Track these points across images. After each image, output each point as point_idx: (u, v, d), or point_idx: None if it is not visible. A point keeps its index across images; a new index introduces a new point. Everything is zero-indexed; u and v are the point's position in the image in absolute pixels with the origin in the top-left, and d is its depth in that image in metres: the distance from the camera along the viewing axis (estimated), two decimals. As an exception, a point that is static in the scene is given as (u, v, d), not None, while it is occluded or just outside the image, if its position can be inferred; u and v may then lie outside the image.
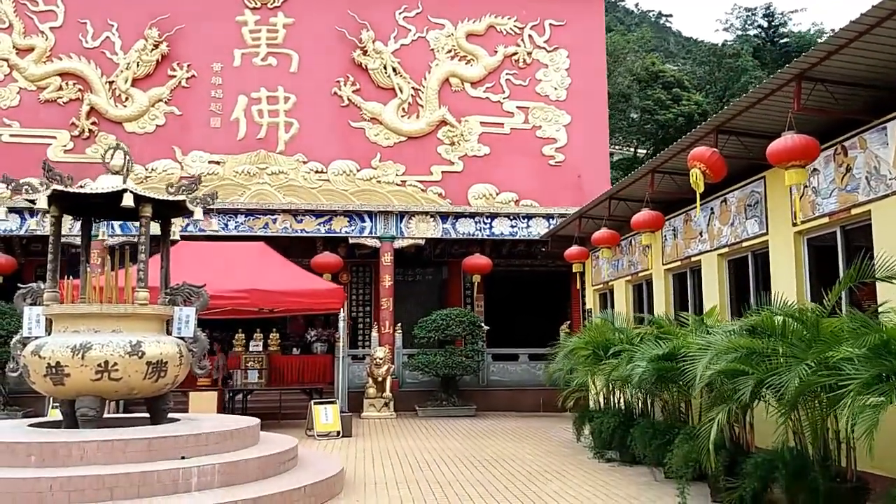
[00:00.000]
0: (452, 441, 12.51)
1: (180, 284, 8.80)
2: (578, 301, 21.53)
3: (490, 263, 18.53)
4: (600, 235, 12.11)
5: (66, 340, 7.70)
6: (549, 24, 22.23)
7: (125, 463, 6.86)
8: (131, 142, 20.18)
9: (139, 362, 7.80)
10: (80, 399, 7.73)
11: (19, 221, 17.54)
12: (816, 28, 62.88)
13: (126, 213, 9.04)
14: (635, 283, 13.65)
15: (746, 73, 47.42)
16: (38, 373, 7.70)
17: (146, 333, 8.11)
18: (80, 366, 7.58)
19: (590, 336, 10.81)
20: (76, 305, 8.02)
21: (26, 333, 8.35)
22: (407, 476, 9.12)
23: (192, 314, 8.62)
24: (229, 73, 20.94)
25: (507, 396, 17.89)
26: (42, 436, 7.06)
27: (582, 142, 21.73)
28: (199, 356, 8.58)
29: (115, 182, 8.40)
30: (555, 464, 10.16)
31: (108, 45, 20.64)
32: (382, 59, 21.41)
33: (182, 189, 8.62)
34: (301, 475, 7.77)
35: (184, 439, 7.26)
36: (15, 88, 20.15)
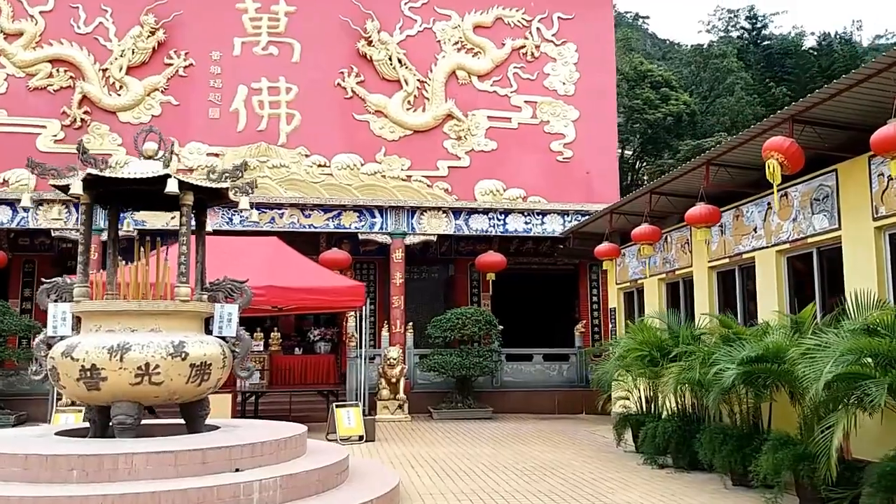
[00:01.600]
0: (484, 447, 11.91)
1: (221, 280, 8.10)
2: (587, 300, 21.09)
3: (504, 261, 17.97)
4: (641, 231, 11.59)
5: (102, 340, 6.97)
6: (558, 18, 21.72)
7: (176, 477, 6.17)
8: (126, 132, 19.31)
9: (182, 364, 7.10)
10: (117, 405, 7.00)
11: (10, 214, 16.56)
12: (797, 31, 63.49)
13: (160, 202, 8.31)
14: (670, 281, 13.17)
15: (732, 74, 47.48)
16: (69, 376, 6.95)
17: (187, 333, 7.41)
18: (118, 368, 6.86)
19: (644, 337, 10.28)
20: (112, 302, 7.28)
21: (51, 333, 7.58)
22: (461, 488, 8.50)
23: (234, 312, 7.92)
24: (229, 63, 20.11)
25: (521, 398, 17.33)
26: (81, 447, 6.33)
27: (590, 138, 21.23)
28: (243, 357, 7.88)
29: (153, 167, 7.66)
30: (608, 471, 9.61)
31: (102, 31, 19.69)
32: (388, 50, 20.73)
33: (226, 176, 7.91)
34: (360, 488, 7.13)
35: (238, 450, 6.58)
36: (2, 75, 19.13)
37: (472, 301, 20.40)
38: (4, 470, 6.05)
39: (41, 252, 18.86)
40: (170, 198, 8.01)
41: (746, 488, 8.24)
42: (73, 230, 16.59)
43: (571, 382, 17.81)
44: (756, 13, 58.41)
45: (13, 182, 18.50)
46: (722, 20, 60.15)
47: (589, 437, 13.42)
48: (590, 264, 20.98)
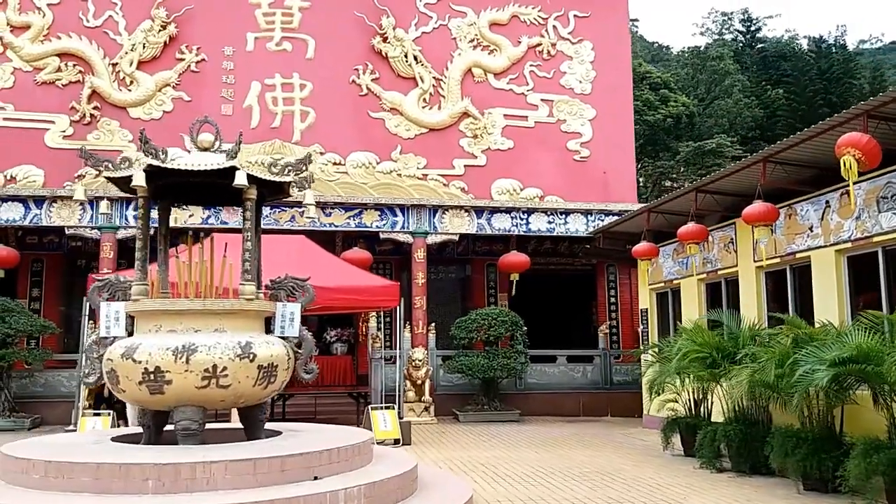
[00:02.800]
0: (526, 451, 11.59)
1: (283, 277, 7.73)
2: (605, 301, 20.84)
3: (528, 261, 17.66)
4: (688, 230, 11.32)
5: (165, 341, 6.58)
6: (574, 16, 21.50)
7: (256, 487, 5.80)
8: (136, 128, 18.74)
9: (250, 367, 6.72)
10: (181, 410, 6.61)
11: (22, 211, 16.02)
12: (790, 34, 63.82)
13: (215, 196, 7.97)
14: (710, 281, 12.92)
15: (729, 76, 47.53)
16: (130, 379, 6.55)
17: (252, 333, 7.03)
18: (183, 371, 6.46)
19: (704, 339, 10.00)
20: (176, 301, 6.89)
21: (104, 333, 7.18)
22: (528, 495, 8.16)
23: (297, 311, 7.55)
24: (242, 58, 19.70)
25: (545, 400, 17.03)
26: (155, 455, 5.94)
27: (607, 137, 21.02)
28: (306, 359, 7.51)
29: (213, 159, 7.29)
30: (667, 476, 9.33)
31: (111, 25, 19.21)
32: (403, 46, 20.40)
33: (289, 169, 7.54)
34: (436, 497, 6.79)
35: (316, 456, 6.23)
36: (9, 69, 18.60)
37: (490, 301, 20.08)
38: (74, 480, 5.67)
39: (50, 251, 18.34)
40: (228, 192, 7.64)
41: (819, 493, 7.99)
42: (88, 228, 16.11)
43: (596, 384, 17.55)
44: (750, 16, 58.61)
45: (21, 178, 17.98)
46: (716, 23, 60.25)
47: (626, 440, 13.14)
48: (607, 265, 20.77)
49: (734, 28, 58.99)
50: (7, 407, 14.47)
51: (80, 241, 18.21)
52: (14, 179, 17.96)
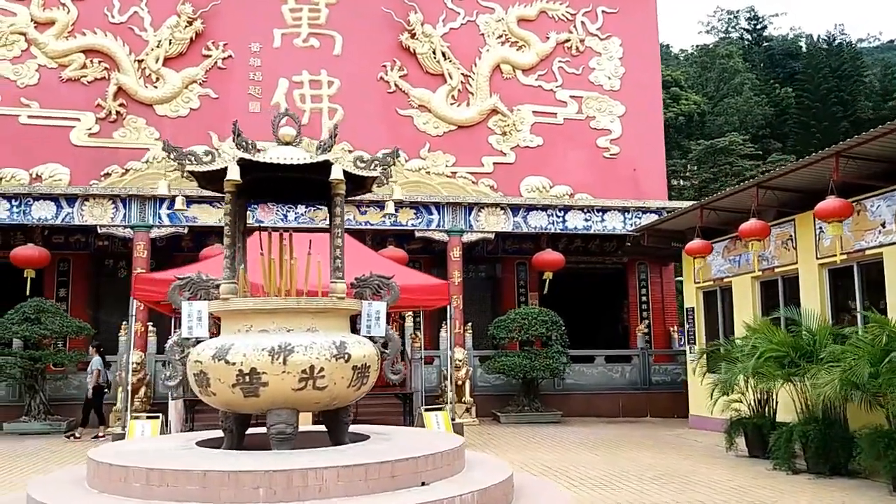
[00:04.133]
0: (585, 453, 11.35)
1: (368, 275, 7.45)
2: (636, 299, 20.59)
3: (562, 259, 17.42)
4: (750, 227, 11.07)
5: (259, 342, 6.29)
6: (602, 12, 21.29)
7: (368, 493, 5.53)
8: (162, 126, 18.62)
9: (345, 367, 6.44)
10: (276, 413, 6.33)
11: (54, 210, 15.69)
12: (795, 32, 63.77)
13: (296, 191, 7.70)
14: (765, 279, 12.69)
15: (739, 74, 47.40)
16: (223, 382, 6.26)
17: (343, 333, 6.76)
18: (280, 373, 6.18)
19: (780, 338, 9.76)
20: (268, 300, 6.60)
21: (186, 334, 6.89)
22: (616, 499, 7.92)
23: (382, 310, 7.28)
24: (269, 55, 19.42)
25: (584, 401, 16.78)
26: (263, 461, 5.66)
27: (637, 134, 20.81)
28: (393, 359, 7.25)
29: (298, 153, 7.03)
30: (744, 478, 9.09)
31: (137, 21, 18.92)
32: (432, 43, 20.15)
33: (375, 164, 7.28)
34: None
35: (423, 461, 5.96)
36: (33, 65, 18.29)
37: (520, 301, 19.82)
38: (179, 489, 5.38)
39: (76, 250, 18.00)
40: (310, 187, 7.43)
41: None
42: (121, 227, 15.76)
43: (634, 385, 17.31)
44: (757, 14, 58.50)
45: (46, 177, 17.69)
46: (721, 21, 60.16)
47: (678, 440, 12.92)
48: (638, 263, 20.54)
49: (740, 26, 58.93)
50: (42, 410, 14.17)
51: (107, 241, 17.91)
52: (40, 178, 17.65)
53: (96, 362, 13.70)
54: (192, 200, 16.08)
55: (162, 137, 18.48)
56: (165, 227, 15.92)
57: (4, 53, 18.12)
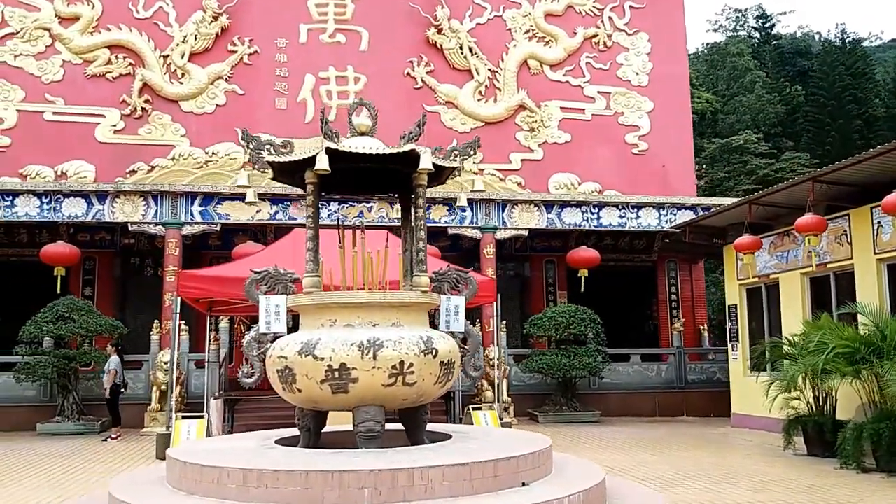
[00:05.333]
0: (641, 453, 11.12)
1: (447, 269, 7.23)
2: (666, 297, 20.36)
3: (598, 257, 17.19)
4: (806, 222, 10.85)
5: (347, 336, 6.07)
6: (629, 7, 21.07)
7: (472, 494, 5.32)
8: (188, 122, 18.38)
9: (433, 363, 6.23)
10: (365, 410, 6.11)
11: (85, 206, 15.42)
12: (803, 31, 63.63)
13: (370, 184, 7.49)
14: (815, 276, 12.46)
15: (750, 73, 47.18)
16: (311, 378, 6.04)
17: (425, 328, 6.55)
18: (370, 368, 5.96)
19: (848, 334, 9.54)
20: (354, 293, 6.38)
21: (264, 329, 6.67)
22: (699, 500, 7.69)
23: (461, 304, 7.04)
24: (295, 51, 19.19)
25: (620, 400, 16.55)
26: (366, 460, 5.44)
27: (665, 130, 20.59)
28: (473, 355, 7.02)
29: (376, 143, 6.83)
30: (816, 477, 8.87)
31: (162, 16, 18.67)
32: (459, 38, 19.92)
33: (455, 154, 7.06)
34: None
35: (523, 461, 5.74)
36: (58, 61, 18.04)
37: (549, 299, 19.60)
38: (280, 490, 5.15)
39: (102, 248, 17.74)
40: (387, 178, 7.23)
41: None
42: (153, 224, 15.51)
43: (670, 384, 17.07)
44: (765, 12, 58.33)
45: (72, 174, 17.45)
46: (730, 20, 59.94)
47: (727, 439, 12.71)
48: (668, 261, 20.32)
49: (748, 25, 58.73)
50: (76, 410, 13.91)
51: (134, 239, 17.68)
52: (65, 175, 17.42)
53: (113, 362, 13.47)
54: (224, 197, 15.88)
55: (188, 134, 18.31)
56: (197, 225, 15.66)
57: (29, 49, 17.87)
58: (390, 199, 12.04)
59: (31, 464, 10.31)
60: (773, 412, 10.77)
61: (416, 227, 6.83)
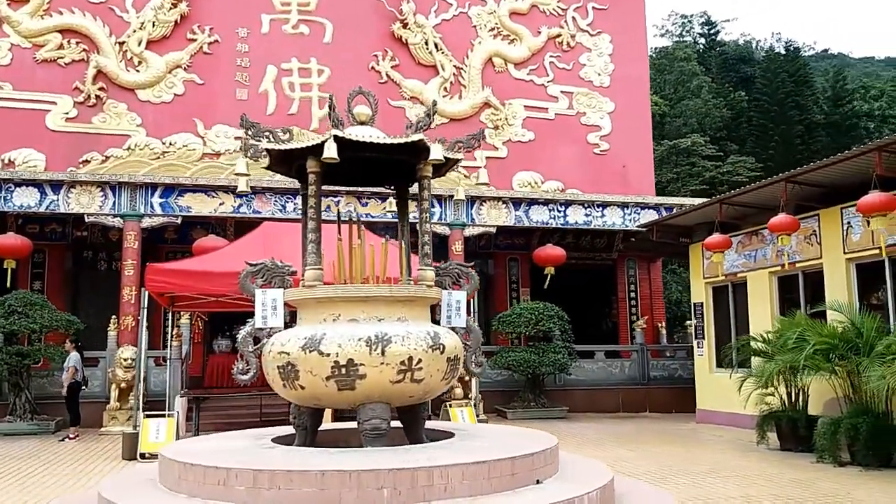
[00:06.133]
0: (617, 448, 11.17)
1: (448, 263, 7.07)
2: (625, 296, 20.60)
3: (564, 254, 17.24)
4: (779, 221, 11.06)
5: (354, 331, 5.86)
6: (592, 8, 21.25)
7: (491, 493, 5.19)
8: (145, 112, 17.76)
9: (440, 359, 6.07)
10: (371, 408, 5.91)
11: (38, 197, 14.70)
12: (745, 39, 65.51)
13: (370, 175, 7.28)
14: (783, 274, 12.73)
15: (696, 77, 48.22)
16: (315, 375, 5.81)
17: (429, 323, 6.39)
18: (378, 364, 5.77)
19: (828, 331, 9.74)
20: (360, 287, 6.16)
21: (260, 324, 6.40)
22: (695, 495, 7.73)
23: (462, 299, 6.91)
24: (257, 41, 18.72)
25: (585, 396, 16.65)
26: (384, 459, 5.25)
27: (625, 131, 20.84)
28: (475, 351, 6.88)
29: (374, 132, 6.63)
30: (797, 472, 9.03)
31: (118, 2, 18.01)
32: (424, 33, 19.77)
33: (459, 145, 6.90)
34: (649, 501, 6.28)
35: (539, 458, 5.64)
36: (5, 45, 17.21)
37: (512, 297, 19.62)
38: (294, 491, 4.92)
39: (52, 241, 16.96)
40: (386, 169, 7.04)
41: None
42: (111, 216, 14.87)
43: (633, 380, 17.26)
44: (711, 19, 59.80)
45: (20, 163, 16.67)
46: (676, 25, 61.23)
47: (696, 435, 12.89)
48: (627, 259, 20.56)
49: (694, 31, 60.10)
50: (28, 409, 13.24)
51: (86, 231, 16.98)
52: (13, 164, 16.62)
53: (73, 359, 12.91)
54: (186, 189, 15.36)
55: (144, 123, 17.67)
56: (158, 217, 15.10)
57: (-27, 31, 16.99)
58: (387, 191, 11.79)
59: (-10, 467, 9.76)
60: (747, 408, 10.93)
61: (422, 219, 6.68)
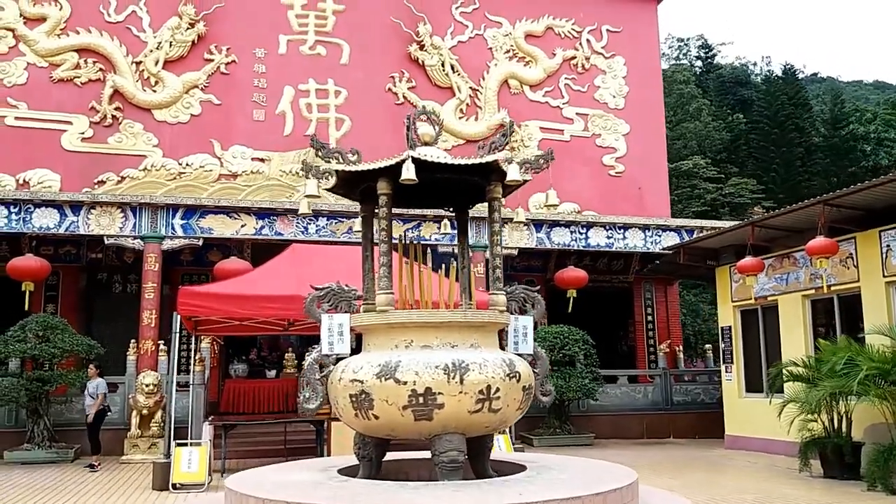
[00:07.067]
0: (658, 477, 10.91)
1: (514, 287, 6.88)
2: (642, 319, 20.44)
3: (586, 277, 17.09)
4: (818, 245, 10.96)
5: (430, 358, 5.65)
6: (607, 30, 21.30)
7: (583, 530, 4.97)
8: (161, 132, 17.59)
9: (517, 387, 5.87)
10: (447, 439, 5.68)
11: (58, 218, 14.45)
12: (741, 61, 66.15)
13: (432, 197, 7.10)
14: (817, 298, 12.61)
15: (695, 100, 48.54)
16: (391, 404, 5.58)
17: (499, 349, 6.21)
18: (457, 393, 5.55)
19: (881, 356, 9.60)
20: (435, 312, 5.96)
21: (326, 350, 6.20)
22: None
23: (530, 325, 6.72)
24: (274, 61, 18.62)
25: (609, 422, 16.41)
26: (472, 495, 5.02)
27: (640, 152, 20.83)
28: (543, 379, 6.68)
29: (437, 153, 6.47)
30: (850, 500, 8.82)
31: (135, 21, 17.87)
32: (441, 55, 19.72)
33: (528, 166, 6.75)
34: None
35: (626, 492, 5.44)
36: (22, 63, 17.03)
37: (528, 320, 19.36)
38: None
39: (66, 262, 16.64)
40: (446, 192, 6.89)
41: None
42: (131, 237, 14.63)
43: (657, 405, 17.04)
44: (708, 43, 60.39)
45: (35, 183, 16.43)
46: (672, 48, 61.78)
47: (730, 461, 12.68)
48: (644, 282, 20.42)
49: (691, 54, 60.69)
50: (47, 436, 12.89)
51: (101, 254, 16.72)
52: (27, 184, 16.38)
53: (102, 385, 12.64)
54: (208, 210, 15.16)
55: (161, 144, 17.50)
56: (178, 239, 14.86)
57: (-10, 50, 16.82)
58: (446, 213, 11.56)
59: (21, 499, 9.41)
60: (790, 434, 10.74)
61: (493, 241, 6.49)
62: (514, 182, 6.28)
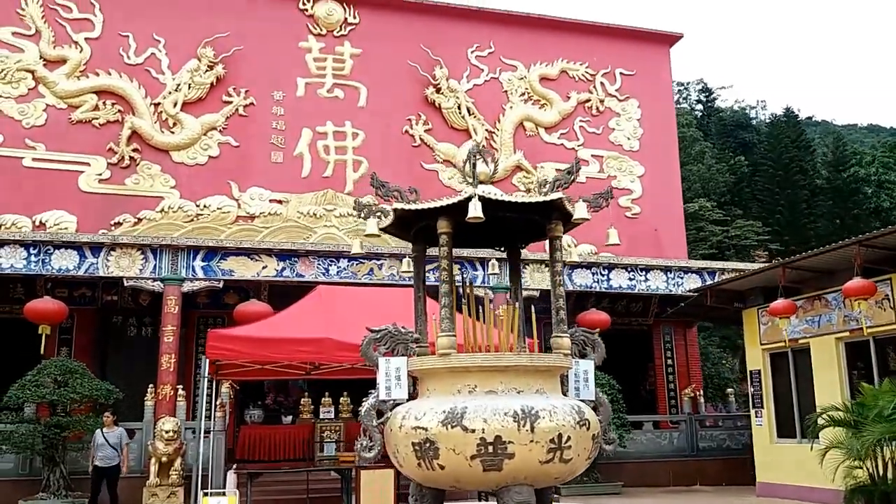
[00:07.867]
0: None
1: (574, 330, 6.69)
2: (661, 362, 20.15)
3: (609, 319, 16.86)
4: (856, 286, 10.81)
5: (497, 405, 5.44)
6: (620, 73, 21.45)
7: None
8: (179, 173, 17.51)
9: (586, 436, 5.66)
10: (517, 491, 5.42)
11: (77, 259, 14.25)
12: (740, 105, 66.88)
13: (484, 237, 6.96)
14: (851, 340, 12.41)
15: (698, 143, 48.90)
16: (458, 453, 5.34)
17: (563, 395, 5.99)
18: (528, 442, 5.33)
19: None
20: (500, 356, 5.75)
21: (384, 396, 5.98)
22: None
23: (591, 369, 6.53)
24: (292, 104, 18.65)
25: (636, 469, 15.99)
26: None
27: (656, 194, 20.81)
28: (606, 426, 6.44)
29: (494, 191, 6.35)
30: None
31: (154, 63, 17.92)
32: (457, 98, 19.80)
33: (589, 204, 6.62)
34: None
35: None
36: (41, 105, 17.01)
37: (547, 363, 19.09)
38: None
39: (81, 305, 16.37)
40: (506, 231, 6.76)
41: None
42: (150, 280, 14.41)
43: (682, 451, 16.66)
44: (707, 86, 61.12)
45: (51, 224, 16.29)
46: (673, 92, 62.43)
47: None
48: (663, 325, 20.19)
49: (691, 98, 61.36)
50: (62, 485, 12.47)
51: (116, 296, 16.49)
52: (44, 225, 16.23)
53: (125, 435, 12.33)
54: (229, 252, 14.98)
55: (178, 185, 17.40)
56: (199, 281, 14.65)
57: (10, 91, 16.80)
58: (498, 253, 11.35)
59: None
60: (835, 481, 10.43)
61: (555, 282, 6.37)
62: (580, 220, 6.14)
